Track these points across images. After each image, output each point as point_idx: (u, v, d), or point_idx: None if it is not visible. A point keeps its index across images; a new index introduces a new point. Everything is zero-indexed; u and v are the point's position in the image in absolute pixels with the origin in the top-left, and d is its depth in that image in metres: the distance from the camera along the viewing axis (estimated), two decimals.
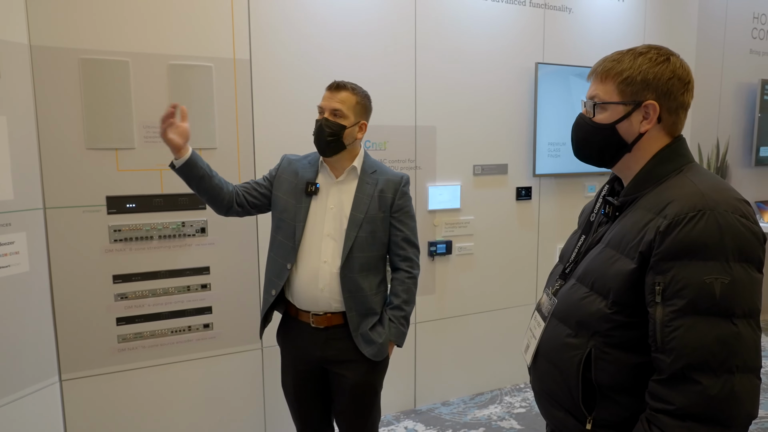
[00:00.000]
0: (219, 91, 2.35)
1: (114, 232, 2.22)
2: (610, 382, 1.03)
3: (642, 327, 0.98)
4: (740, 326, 0.90)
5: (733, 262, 0.91)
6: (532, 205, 3.21)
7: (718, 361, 0.89)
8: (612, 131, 1.08)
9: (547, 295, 1.21)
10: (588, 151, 1.15)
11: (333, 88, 1.77)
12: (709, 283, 0.90)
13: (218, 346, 2.47)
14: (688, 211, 0.94)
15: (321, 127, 1.73)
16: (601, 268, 1.06)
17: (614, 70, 1.07)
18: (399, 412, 2.95)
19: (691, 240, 0.92)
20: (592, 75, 1.12)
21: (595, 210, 1.22)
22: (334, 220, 1.77)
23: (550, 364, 1.14)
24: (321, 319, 1.78)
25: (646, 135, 1.06)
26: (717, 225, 0.92)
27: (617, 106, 1.07)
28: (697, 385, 0.90)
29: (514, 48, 3.03)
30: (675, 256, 0.93)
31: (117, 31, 2.16)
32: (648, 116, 1.06)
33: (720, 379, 0.89)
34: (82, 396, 2.24)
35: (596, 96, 1.10)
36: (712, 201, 0.94)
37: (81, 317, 2.21)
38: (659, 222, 0.96)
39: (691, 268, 0.92)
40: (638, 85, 1.05)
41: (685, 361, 0.91)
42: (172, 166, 1.71)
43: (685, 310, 0.92)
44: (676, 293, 0.93)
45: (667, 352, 0.93)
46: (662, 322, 0.93)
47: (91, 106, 2.13)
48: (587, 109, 1.13)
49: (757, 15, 4.10)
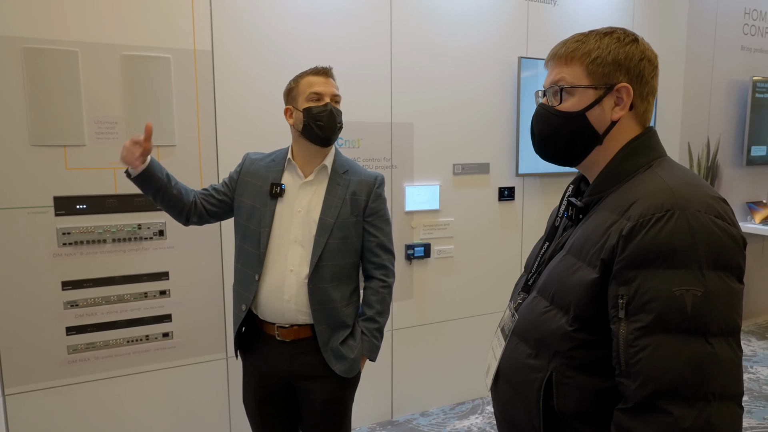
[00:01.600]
0: (178, 85, 2.19)
1: (63, 236, 2.07)
2: (574, 410, 0.89)
3: (607, 346, 0.85)
4: (716, 346, 0.76)
5: (707, 271, 0.77)
6: (515, 205, 3.08)
7: (691, 387, 0.75)
8: (582, 120, 0.95)
9: (510, 311, 1.08)
10: (553, 145, 1.00)
11: (324, 73, 1.62)
12: (679, 296, 0.77)
13: (179, 356, 2.32)
14: (655, 212, 0.81)
15: (332, 113, 1.59)
16: (560, 278, 0.93)
17: (580, 51, 0.94)
18: (375, 424, 2.81)
19: (657, 245, 0.79)
20: (552, 59, 0.98)
21: (559, 213, 1.08)
22: (302, 225, 1.62)
23: (511, 388, 1.01)
24: (287, 332, 1.63)
25: (618, 124, 0.93)
26: (688, 227, 0.78)
27: (587, 91, 0.94)
28: (667, 416, 0.76)
29: (497, 41, 2.90)
30: (640, 263, 0.80)
31: (64, 19, 2.00)
32: (621, 101, 0.93)
33: (694, 409, 0.75)
34: (28, 412, 2.08)
35: (562, 79, 0.96)
36: (682, 199, 0.81)
37: (26, 327, 2.05)
38: (623, 224, 0.83)
39: (659, 278, 0.78)
40: (609, 66, 0.92)
41: (652, 387, 0.77)
42: (128, 175, 1.58)
43: (652, 326, 0.78)
44: (641, 307, 0.79)
45: (632, 377, 0.79)
46: (626, 341, 0.80)
47: (35, 99, 1.98)
48: (550, 98, 0.99)
49: (748, 11, 3.99)
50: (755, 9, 4.02)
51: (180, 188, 1.66)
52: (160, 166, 1.61)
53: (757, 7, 4.03)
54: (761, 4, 4.05)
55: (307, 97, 1.60)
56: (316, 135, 1.59)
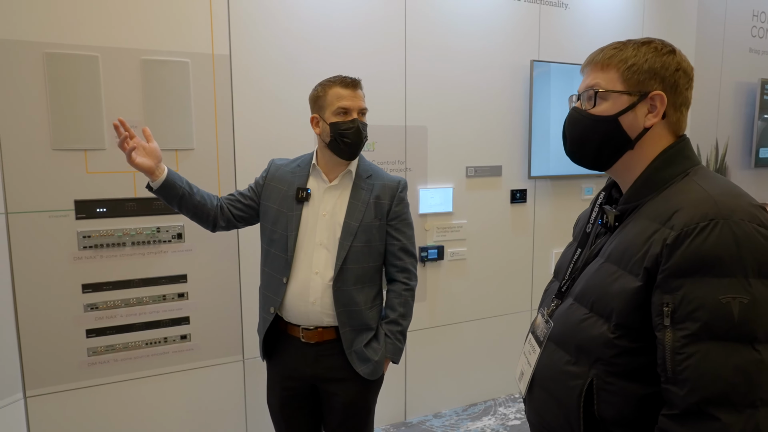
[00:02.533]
0: (196, 89, 2.21)
1: (83, 239, 2.08)
2: (615, 416, 0.90)
3: (650, 353, 0.86)
4: (764, 353, 0.78)
5: (753, 279, 0.79)
6: (527, 208, 3.09)
7: (739, 393, 0.77)
8: (615, 124, 0.96)
9: (543, 317, 1.09)
10: (585, 148, 1.02)
11: (353, 85, 1.62)
12: (725, 303, 0.78)
13: (196, 358, 2.33)
14: (699, 221, 0.82)
15: (359, 130, 1.60)
16: (601, 285, 0.94)
17: (617, 58, 0.96)
18: (389, 425, 2.82)
19: (703, 254, 0.80)
20: (589, 65, 1.01)
21: (591, 220, 1.09)
22: (327, 229, 1.64)
23: (548, 394, 1.02)
24: (312, 333, 1.65)
25: (650, 131, 0.95)
26: (732, 236, 0.80)
27: (621, 96, 0.96)
28: (715, 422, 0.78)
29: (509, 45, 2.91)
30: (685, 272, 0.81)
31: (85, 24, 2.02)
32: (654, 109, 0.94)
33: (743, 415, 0.77)
34: (49, 414, 2.09)
35: (597, 84, 0.98)
36: (725, 208, 0.82)
37: (47, 329, 2.06)
38: (666, 233, 0.84)
39: (705, 287, 0.80)
40: (645, 74, 0.94)
41: (701, 394, 0.78)
42: (149, 188, 1.60)
43: (699, 334, 0.79)
44: (687, 315, 0.81)
45: (679, 384, 0.81)
46: (672, 348, 0.81)
47: (57, 104, 1.99)
48: (584, 102, 1.00)
49: (756, 13, 4.00)
50: (763, 11, 4.03)
51: (203, 195, 1.68)
52: (179, 176, 1.63)
53: (766, 10, 4.04)
54: None
55: (334, 111, 1.60)
56: (342, 150, 1.62)
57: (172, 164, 2.20)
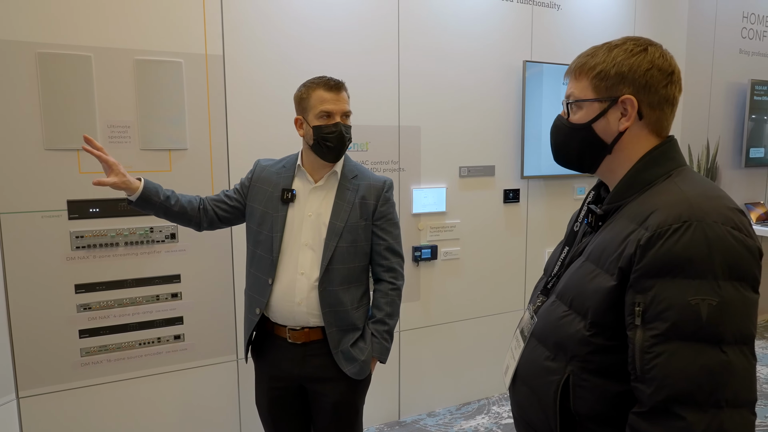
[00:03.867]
0: (190, 89, 2.21)
1: (76, 239, 2.08)
2: (590, 412, 0.92)
3: (623, 351, 0.87)
4: (730, 354, 0.79)
5: (722, 281, 0.80)
6: (520, 207, 3.11)
7: (704, 393, 0.78)
8: (588, 131, 0.99)
9: (529, 313, 1.11)
10: (567, 154, 1.05)
11: (336, 88, 1.61)
12: (694, 305, 0.80)
13: (190, 358, 2.33)
14: (672, 222, 0.83)
15: (341, 134, 1.60)
16: (580, 284, 0.96)
17: (587, 65, 0.98)
18: (383, 425, 2.83)
19: (674, 255, 0.81)
20: (567, 74, 1.03)
21: (579, 219, 1.11)
22: (312, 229, 1.64)
23: (529, 388, 1.04)
24: (298, 334, 1.65)
25: (627, 134, 0.96)
26: (704, 238, 0.81)
27: (592, 104, 0.98)
28: (680, 421, 0.79)
29: (502, 46, 2.93)
30: (657, 273, 0.83)
31: (78, 24, 2.01)
32: (626, 113, 0.95)
33: (707, 415, 0.78)
34: (42, 414, 2.09)
35: (571, 95, 1.01)
36: (699, 210, 0.83)
37: (40, 330, 2.06)
38: (641, 234, 0.85)
39: (675, 287, 0.81)
40: (612, 79, 0.95)
41: (667, 392, 0.80)
42: (129, 202, 1.61)
43: (668, 334, 0.81)
44: (657, 315, 0.82)
45: (647, 382, 0.82)
46: (642, 347, 0.83)
47: (49, 104, 1.99)
48: (564, 110, 1.04)
49: (746, 14, 4.05)
50: (753, 13, 4.08)
51: (182, 203, 1.67)
52: (156, 187, 1.62)
53: (755, 11, 4.09)
54: (759, 8, 4.11)
55: (317, 115, 1.60)
56: (325, 154, 1.62)
57: (165, 164, 2.20)
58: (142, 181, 1.60)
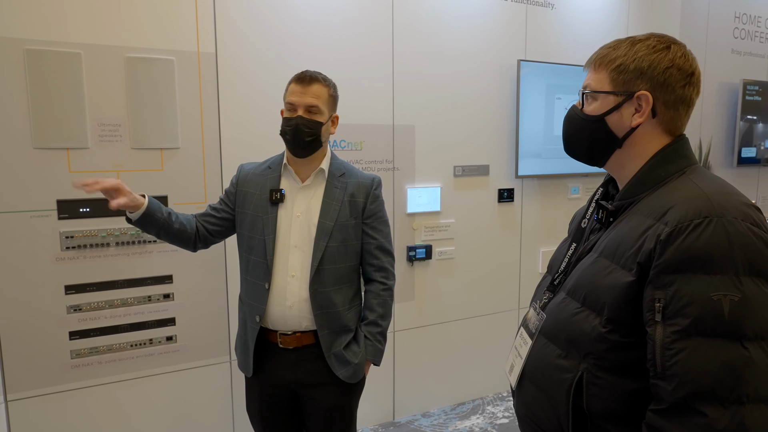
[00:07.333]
0: (182, 87, 2.18)
1: (66, 239, 2.05)
2: (604, 410, 0.91)
3: (640, 348, 0.86)
4: (752, 350, 0.79)
5: (743, 277, 0.80)
6: (515, 207, 3.11)
7: (726, 389, 0.78)
8: (601, 123, 0.99)
9: (535, 310, 1.09)
10: (577, 145, 1.05)
11: (304, 81, 1.57)
12: (716, 300, 0.79)
13: (183, 359, 2.30)
14: (693, 218, 0.83)
15: (298, 127, 1.55)
16: (593, 280, 0.94)
17: (608, 57, 0.98)
18: (377, 425, 2.82)
19: (696, 250, 0.81)
20: (588, 64, 1.03)
21: (587, 215, 1.10)
22: (301, 230, 1.61)
23: (537, 387, 1.02)
24: (290, 339, 1.62)
25: (639, 130, 0.96)
26: (725, 234, 0.81)
27: (608, 96, 0.97)
28: (701, 418, 0.78)
29: (496, 45, 2.92)
30: (677, 268, 0.82)
31: (67, 20, 1.98)
32: (640, 108, 0.95)
33: (728, 411, 0.77)
34: (31, 418, 2.05)
35: (588, 85, 1.01)
36: (719, 206, 0.83)
37: (29, 331, 2.02)
38: (660, 229, 0.85)
39: (696, 283, 0.81)
40: (631, 74, 0.95)
41: (688, 389, 0.79)
42: (128, 219, 1.55)
43: (689, 330, 0.80)
44: (678, 311, 0.81)
45: (667, 379, 0.81)
46: (663, 344, 0.82)
47: (38, 102, 1.95)
48: (581, 100, 1.03)
49: (738, 15, 4.07)
50: (745, 13, 4.10)
51: (182, 221, 1.63)
52: (159, 204, 1.58)
53: (747, 11, 4.11)
54: (751, 8, 4.13)
55: (285, 107, 1.60)
56: (289, 147, 1.61)
57: (157, 163, 2.17)
58: (146, 197, 1.54)
